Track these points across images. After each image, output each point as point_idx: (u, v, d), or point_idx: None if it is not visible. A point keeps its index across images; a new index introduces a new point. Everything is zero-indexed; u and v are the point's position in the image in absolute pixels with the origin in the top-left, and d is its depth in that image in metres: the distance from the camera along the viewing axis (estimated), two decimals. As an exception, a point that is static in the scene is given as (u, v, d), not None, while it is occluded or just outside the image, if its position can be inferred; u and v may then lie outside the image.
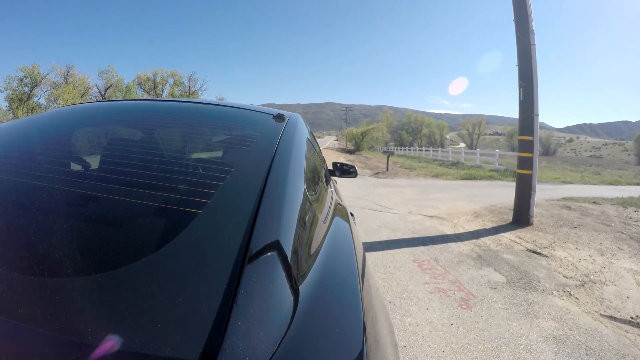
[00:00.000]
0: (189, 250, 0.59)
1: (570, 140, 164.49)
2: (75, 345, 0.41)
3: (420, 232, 5.36)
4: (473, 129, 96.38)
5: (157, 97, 38.92)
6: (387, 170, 15.75)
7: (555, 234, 5.30)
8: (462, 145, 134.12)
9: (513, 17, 6.23)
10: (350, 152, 50.81)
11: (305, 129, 1.45)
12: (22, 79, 29.12)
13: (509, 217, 6.30)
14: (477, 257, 4.26)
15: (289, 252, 0.62)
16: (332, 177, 2.54)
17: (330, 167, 2.98)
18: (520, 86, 6.16)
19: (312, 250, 0.73)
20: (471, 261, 4.13)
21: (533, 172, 5.95)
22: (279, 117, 1.36)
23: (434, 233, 5.36)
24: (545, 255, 4.35)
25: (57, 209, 0.73)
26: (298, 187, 0.86)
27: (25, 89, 29.19)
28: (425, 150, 35.71)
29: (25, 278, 0.52)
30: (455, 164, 21.16)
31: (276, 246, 0.62)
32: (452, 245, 4.78)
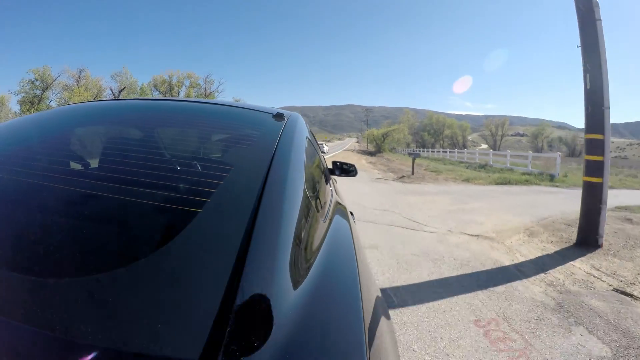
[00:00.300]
0: (189, 249, 0.59)
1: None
2: (75, 346, 0.41)
3: (471, 264, 3.98)
4: (496, 130, 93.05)
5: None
6: (413, 173, 14.24)
7: (634, 260, 4.12)
8: (484, 146, 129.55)
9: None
10: (371, 154, 49.89)
11: (305, 128, 1.43)
12: (34, 81, 28.81)
13: (569, 236, 5.10)
14: (557, 308, 2.99)
15: (289, 251, 0.61)
16: (332, 177, 2.47)
17: (330, 167, 2.89)
18: (585, 71, 4.72)
19: (312, 249, 0.73)
20: (552, 316, 2.84)
21: (604, 180, 4.59)
22: (279, 117, 1.36)
23: (488, 264, 3.98)
24: (638, 298, 3.20)
25: (56, 208, 0.72)
26: (298, 186, 0.86)
27: (37, 91, 28.95)
28: (450, 152, 33.93)
29: (24, 278, 0.51)
30: (483, 167, 19.52)
31: (276, 245, 0.61)
32: (518, 285, 3.43)
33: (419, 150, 51.96)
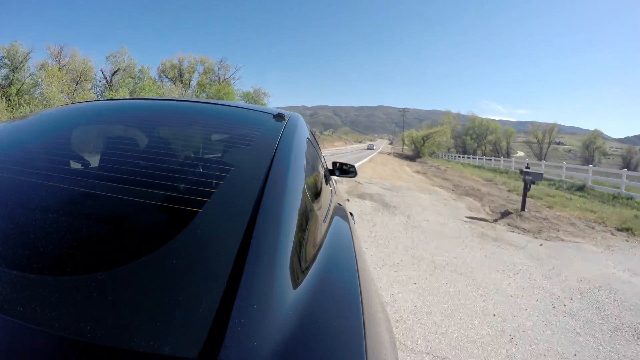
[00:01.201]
0: (189, 248, 0.59)
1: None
2: (75, 344, 0.41)
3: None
4: (543, 137, 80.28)
5: (184, 86, 33.64)
6: (523, 208, 7.56)
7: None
8: (521, 153, 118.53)
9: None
10: (409, 158, 43.31)
11: (305, 129, 1.42)
12: (1, 58, 23.93)
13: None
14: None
15: (289, 251, 0.62)
16: (332, 177, 2.51)
17: (330, 167, 2.88)
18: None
19: (312, 249, 0.73)
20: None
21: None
22: (279, 117, 1.34)
23: None
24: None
25: (57, 208, 0.72)
26: (298, 186, 0.86)
27: (4, 70, 23.84)
28: (504, 160, 27.01)
29: (25, 276, 0.52)
30: (581, 189, 13.03)
31: (276, 245, 0.61)
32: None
33: (459, 157, 45.11)
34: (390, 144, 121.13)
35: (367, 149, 67.36)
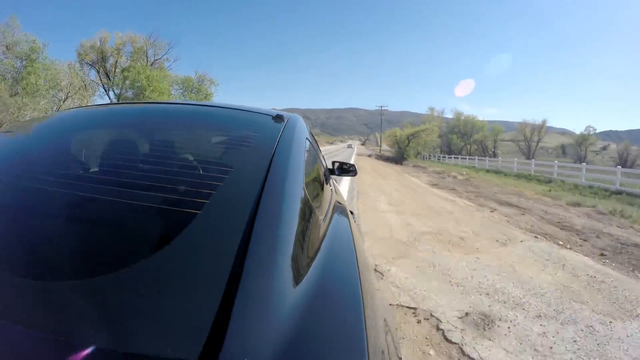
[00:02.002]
0: (188, 250, 0.59)
1: (605, 148, 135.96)
2: (75, 347, 0.41)
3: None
4: (531, 135, 77.30)
5: (107, 73, 25.72)
6: None
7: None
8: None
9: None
10: (394, 160, 37.26)
11: (304, 129, 1.42)
12: None
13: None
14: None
15: (288, 252, 0.61)
16: (332, 177, 2.48)
17: (330, 167, 2.86)
18: None
19: (312, 249, 0.72)
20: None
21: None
22: (278, 118, 1.33)
23: None
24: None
25: (57, 212, 0.73)
26: (297, 187, 0.85)
27: None
28: (503, 161, 24.17)
29: (25, 280, 0.52)
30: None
31: (276, 246, 0.61)
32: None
33: (444, 157, 41.39)
34: (363, 144, 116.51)
35: (347, 147, 78.06)
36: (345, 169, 2.81)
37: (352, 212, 1.75)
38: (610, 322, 2.84)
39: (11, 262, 0.56)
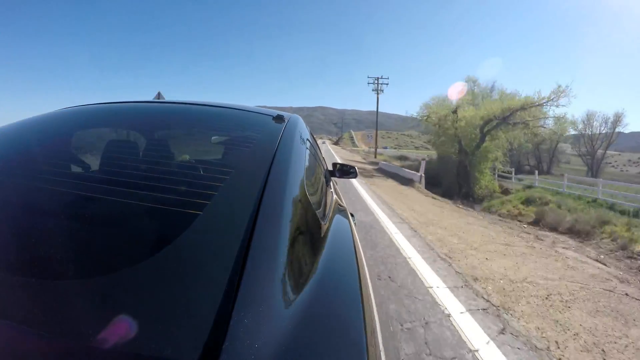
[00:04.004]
0: (189, 251, 0.59)
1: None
2: (76, 347, 0.41)
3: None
4: (597, 139, 51.37)
5: None
6: None
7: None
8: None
9: None
10: (434, 183, 16.07)
11: (305, 130, 1.42)
12: None
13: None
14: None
15: (289, 253, 0.61)
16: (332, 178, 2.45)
17: (330, 168, 2.84)
18: None
19: (313, 250, 0.72)
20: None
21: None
22: (279, 119, 1.31)
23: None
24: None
25: (58, 211, 0.72)
26: (298, 187, 0.85)
27: None
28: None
29: (26, 280, 0.52)
30: None
31: (276, 247, 0.61)
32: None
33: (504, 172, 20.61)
34: (336, 143, 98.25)
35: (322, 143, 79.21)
36: (346, 171, 2.79)
37: (352, 215, 1.77)
38: None
39: (11, 262, 0.55)
